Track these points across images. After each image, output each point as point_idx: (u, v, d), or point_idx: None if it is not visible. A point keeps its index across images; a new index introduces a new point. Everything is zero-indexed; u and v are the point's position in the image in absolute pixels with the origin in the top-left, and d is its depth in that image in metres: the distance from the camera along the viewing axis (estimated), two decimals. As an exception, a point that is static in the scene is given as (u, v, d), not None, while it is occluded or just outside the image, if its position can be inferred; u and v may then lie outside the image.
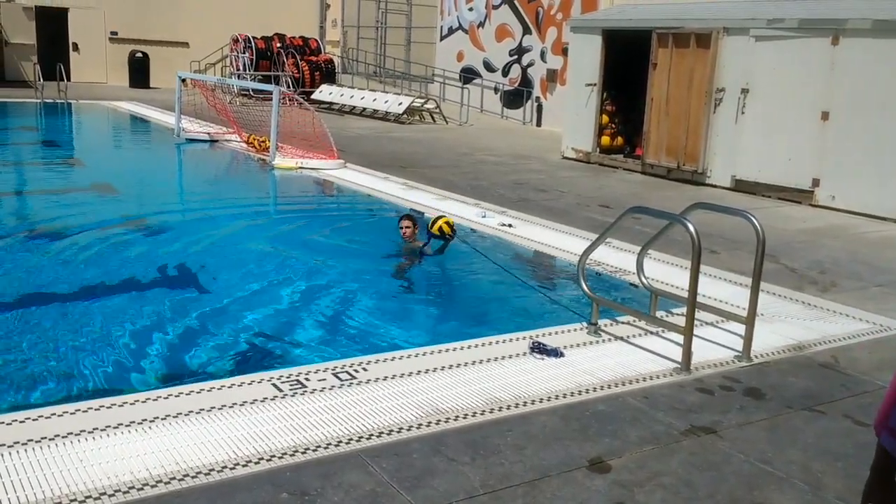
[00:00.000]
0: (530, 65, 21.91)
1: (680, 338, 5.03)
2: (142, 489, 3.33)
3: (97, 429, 3.80)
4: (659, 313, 5.84)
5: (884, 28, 10.21)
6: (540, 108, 21.64)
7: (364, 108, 22.53)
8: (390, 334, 5.84)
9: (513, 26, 22.37)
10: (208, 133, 16.19)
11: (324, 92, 23.89)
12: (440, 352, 5.06)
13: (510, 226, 8.97)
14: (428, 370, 4.74)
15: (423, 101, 22.17)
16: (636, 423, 4.20)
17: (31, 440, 3.67)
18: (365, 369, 4.70)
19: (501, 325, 5.87)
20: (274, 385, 4.40)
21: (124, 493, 3.30)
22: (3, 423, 3.84)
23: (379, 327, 6.02)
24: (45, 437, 3.69)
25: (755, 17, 11.74)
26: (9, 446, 3.61)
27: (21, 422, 3.86)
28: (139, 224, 8.95)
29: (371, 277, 7.23)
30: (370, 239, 8.69)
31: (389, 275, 7.40)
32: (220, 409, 4.08)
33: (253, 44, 26.90)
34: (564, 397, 4.48)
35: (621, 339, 5.46)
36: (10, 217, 9.45)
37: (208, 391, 4.31)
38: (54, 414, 3.94)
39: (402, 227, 7.83)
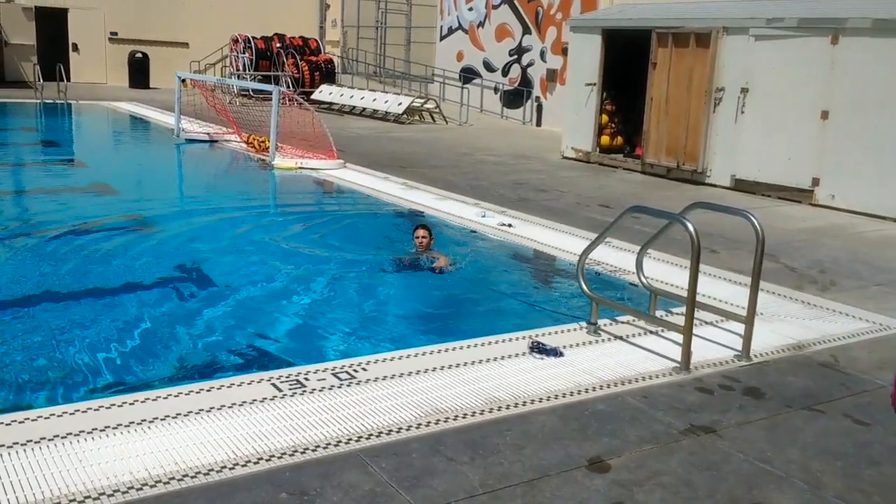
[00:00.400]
0: (530, 64, 21.90)
1: (679, 337, 5.03)
2: (141, 489, 3.34)
3: (96, 429, 3.80)
4: (658, 313, 5.84)
5: (883, 27, 10.21)
6: (540, 108, 21.63)
7: (364, 108, 22.53)
8: (390, 334, 5.85)
9: (512, 26, 22.36)
10: (208, 133, 16.19)
11: (323, 92, 23.90)
12: (439, 352, 5.06)
13: (510, 226, 8.97)
14: (427, 370, 4.74)
15: (422, 101, 22.16)
16: (635, 423, 4.20)
17: (31, 440, 3.67)
18: (364, 369, 4.70)
19: (501, 324, 5.87)
20: (273, 385, 4.41)
21: (123, 493, 3.30)
22: (2, 423, 3.85)
23: (379, 327, 6.02)
24: (45, 438, 3.70)
25: (755, 17, 11.74)
26: (8, 446, 3.61)
27: (21, 422, 3.86)
28: (138, 224, 8.95)
29: (371, 277, 7.23)
30: (368, 239, 8.69)
31: (389, 274, 7.39)
32: (219, 409, 4.09)
33: (253, 44, 26.91)
34: (564, 397, 4.48)
35: (621, 338, 5.46)
36: (10, 217, 9.44)
37: (207, 391, 4.31)
38: (53, 414, 3.95)
39: (417, 237, 7.53)
